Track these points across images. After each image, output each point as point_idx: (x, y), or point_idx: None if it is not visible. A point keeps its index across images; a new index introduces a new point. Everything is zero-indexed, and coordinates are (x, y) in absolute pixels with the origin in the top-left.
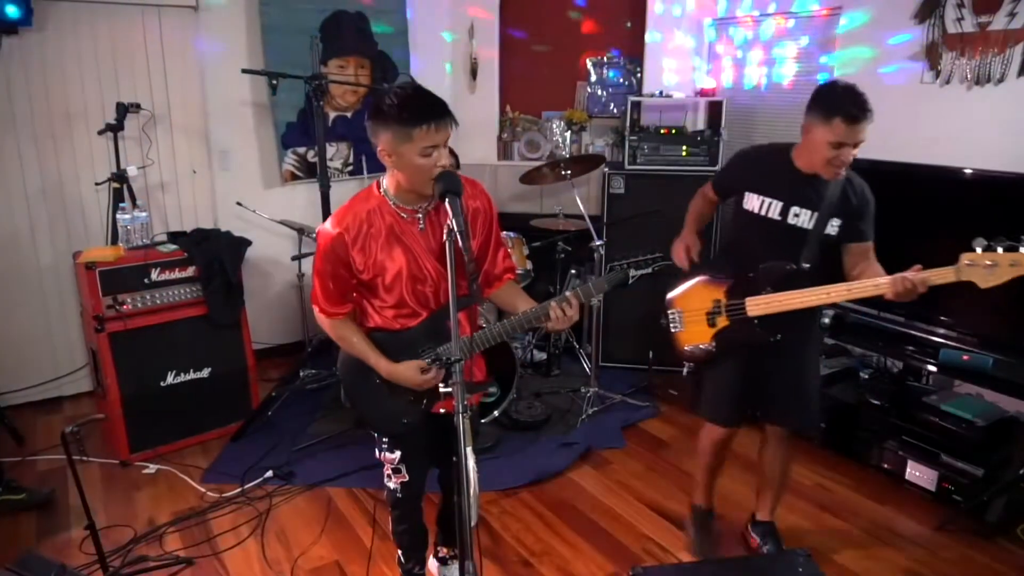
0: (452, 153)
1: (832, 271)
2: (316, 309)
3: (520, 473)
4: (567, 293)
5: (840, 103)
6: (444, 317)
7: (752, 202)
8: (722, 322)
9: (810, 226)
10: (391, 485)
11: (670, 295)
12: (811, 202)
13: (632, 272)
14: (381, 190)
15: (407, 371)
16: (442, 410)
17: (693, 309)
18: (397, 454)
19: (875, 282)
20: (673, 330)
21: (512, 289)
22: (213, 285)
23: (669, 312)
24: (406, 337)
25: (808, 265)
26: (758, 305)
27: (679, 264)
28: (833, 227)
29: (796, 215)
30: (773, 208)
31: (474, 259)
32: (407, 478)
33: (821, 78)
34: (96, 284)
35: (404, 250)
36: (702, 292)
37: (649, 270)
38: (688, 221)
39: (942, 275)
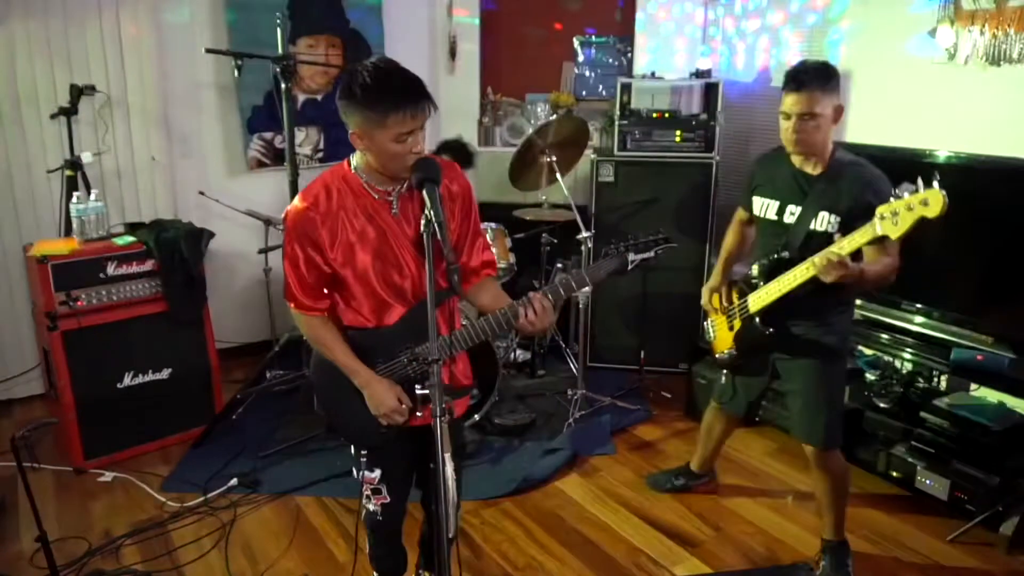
0: (456, 149)
1: None
2: (292, 306)
3: (502, 481)
4: (531, 295)
5: (786, 76)
6: (423, 313)
7: (756, 205)
8: (737, 324)
9: (796, 222)
10: (370, 507)
11: (705, 312)
12: (799, 198)
13: (631, 256)
14: (352, 167)
15: (383, 391)
16: (418, 414)
17: (717, 319)
18: (377, 473)
19: (811, 260)
20: (710, 340)
21: (490, 287)
22: (174, 280)
23: (707, 323)
24: (383, 335)
25: (788, 254)
26: (756, 299)
27: (707, 309)
28: (825, 223)
29: (792, 213)
30: (770, 209)
31: (454, 249)
32: (388, 499)
33: (825, 58)
34: (48, 279)
35: (377, 233)
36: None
37: (651, 254)
38: (718, 263)
39: (862, 234)
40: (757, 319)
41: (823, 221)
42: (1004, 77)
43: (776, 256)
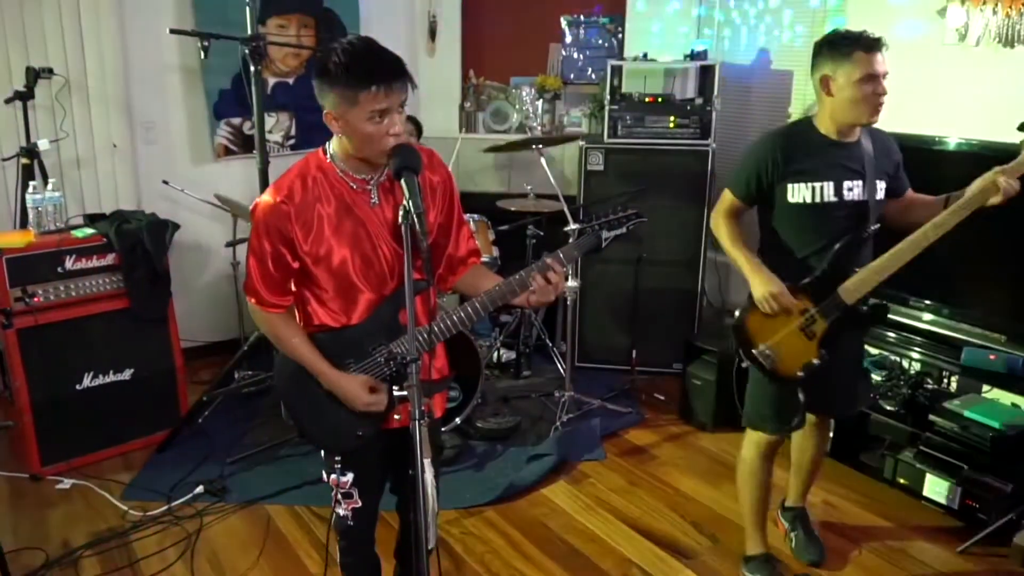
0: (415, 122)
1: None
2: (252, 301)
3: (485, 489)
4: (547, 259)
5: (853, 37)
6: (395, 308)
7: (799, 193)
8: (821, 328)
9: (865, 196)
10: (340, 512)
11: (741, 337)
12: (856, 171)
13: (605, 234)
14: (328, 156)
15: (352, 386)
16: (396, 416)
17: (782, 334)
18: (350, 476)
19: (963, 201)
20: (771, 367)
21: (478, 272)
22: (136, 275)
23: (757, 352)
24: (354, 334)
25: (876, 226)
26: (855, 288)
27: (767, 311)
28: (881, 191)
29: (850, 189)
30: (827, 191)
31: (428, 244)
32: (360, 504)
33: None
34: (3, 273)
35: (355, 226)
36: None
37: (623, 230)
38: (749, 261)
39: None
40: (859, 305)
41: (880, 189)
42: (1018, 59)
43: (867, 232)
